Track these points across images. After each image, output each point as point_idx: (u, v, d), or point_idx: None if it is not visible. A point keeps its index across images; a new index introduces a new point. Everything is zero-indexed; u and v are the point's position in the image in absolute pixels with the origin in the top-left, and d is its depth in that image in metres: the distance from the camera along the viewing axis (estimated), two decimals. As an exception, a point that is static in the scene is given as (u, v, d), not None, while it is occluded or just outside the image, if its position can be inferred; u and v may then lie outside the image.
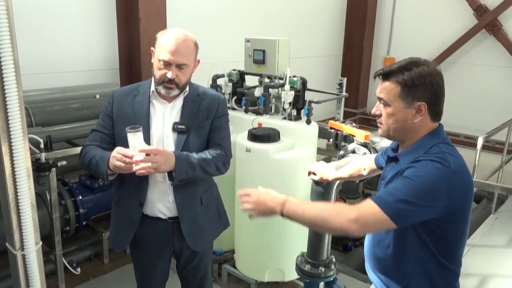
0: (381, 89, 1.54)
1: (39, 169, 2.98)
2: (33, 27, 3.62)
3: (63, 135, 3.30)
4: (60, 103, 3.52)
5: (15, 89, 1.15)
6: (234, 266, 3.54)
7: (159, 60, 1.98)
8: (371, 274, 1.74)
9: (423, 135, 1.54)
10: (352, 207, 1.43)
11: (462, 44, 6.74)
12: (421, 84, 1.47)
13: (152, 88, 2.09)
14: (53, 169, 3.08)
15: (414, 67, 1.48)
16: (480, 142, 3.98)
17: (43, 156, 2.96)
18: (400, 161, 1.56)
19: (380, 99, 1.55)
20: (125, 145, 1.93)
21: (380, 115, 1.56)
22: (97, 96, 3.93)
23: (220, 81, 3.75)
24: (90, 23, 4.21)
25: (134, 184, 2.10)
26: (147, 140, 2.00)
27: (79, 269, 3.52)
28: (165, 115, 2.10)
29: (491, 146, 6.13)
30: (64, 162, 3.19)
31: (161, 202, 2.14)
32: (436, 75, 1.50)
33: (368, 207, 1.41)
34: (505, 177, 5.27)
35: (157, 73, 2.01)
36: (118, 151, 1.88)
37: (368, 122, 7.59)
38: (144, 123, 2.02)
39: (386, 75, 1.52)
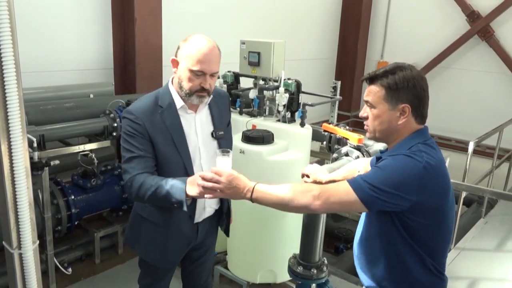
0: (367, 92, 1.61)
1: (31, 168, 2.96)
2: (26, 26, 3.60)
3: (56, 134, 3.29)
4: (54, 102, 3.51)
5: (16, 89, 1.15)
6: (226, 268, 3.54)
7: (191, 71, 1.89)
8: (361, 276, 1.76)
9: (405, 137, 1.59)
10: (314, 187, 1.54)
11: (455, 50, 6.82)
12: (405, 87, 1.53)
13: (179, 102, 2.00)
14: (46, 169, 3.07)
15: (398, 71, 1.55)
16: (471, 147, 4.02)
17: (36, 155, 2.94)
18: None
19: (366, 101, 1.62)
20: (169, 165, 1.96)
21: (367, 118, 1.63)
22: (91, 96, 3.93)
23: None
24: (84, 22, 4.20)
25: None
26: (186, 153, 2.01)
27: (70, 269, 3.50)
28: (196, 126, 2.07)
29: (482, 151, 6.20)
30: (57, 162, 3.17)
31: (205, 208, 2.19)
32: (420, 79, 1.56)
33: (339, 187, 1.52)
34: (495, 182, 5.33)
35: (188, 84, 1.92)
36: (206, 178, 1.69)
37: (361, 126, 7.54)
38: (181, 139, 2.00)
39: (372, 79, 1.60)
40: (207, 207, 2.20)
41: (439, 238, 1.57)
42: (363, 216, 1.76)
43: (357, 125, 7.46)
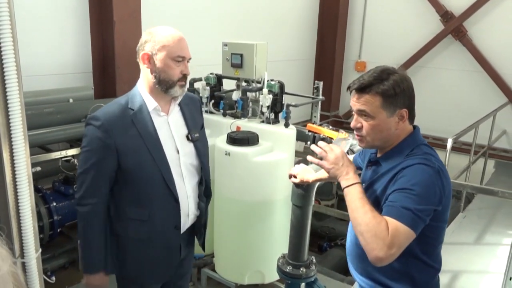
0: (362, 102, 1.54)
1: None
2: (3, 29, 3.51)
3: (37, 140, 3.21)
4: (33, 107, 3.43)
5: (17, 94, 1.13)
6: (213, 270, 3.53)
7: (172, 59, 1.83)
8: (354, 273, 1.78)
9: (402, 138, 1.60)
10: (385, 236, 1.37)
11: (430, 49, 6.99)
12: (401, 91, 1.52)
13: (152, 103, 1.90)
14: (27, 175, 3.00)
15: (389, 76, 1.53)
16: (449, 143, 4.13)
17: (16, 162, 2.87)
18: (382, 165, 1.62)
19: (361, 111, 1.55)
20: (143, 175, 1.85)
21: (361, 128, 1.58)
22: (70, 100, 3.85)
23: (197, 85, 3.74)
24: (62, 25, 4.13)
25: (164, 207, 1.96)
26: (163, 160, 1.89)
27: (54, 278, 3.41)
28: (172, 129, 1.97)
29: (458, 147, 6.37)
30: (38, 168, 3.11)
31: (188, 216, 2.07)
32: (408, 79, 1.57)
33: (396, 229, 1.38)
34: (472, 177, 5.49)
35: (169, 73, 1.84)
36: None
37: (341, 125, 7.73)
38: (156, 144, 1.88)
39: (363, 88, 1.53)
40: (190, 214, 2.07)
41: (441, 235, 1.60)
42: None
43: (337, 125, 7.56)
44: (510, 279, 2.30)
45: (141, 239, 1.97)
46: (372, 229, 1.38)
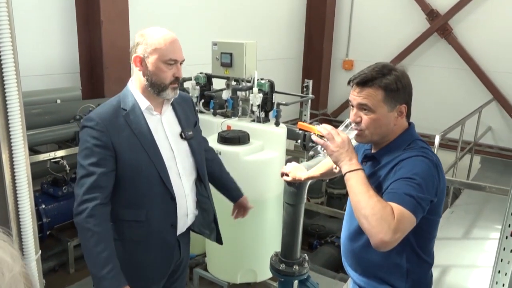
0: (364, 95, 1.54)
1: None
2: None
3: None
4: (20, 108, 3.38)
5: (16, 95, 1.12)
6: (205, 270, 3.53)
7: (164, 62, 1.82)
8: (348, 269, 1.79)
9: (398, 134, 1.62)
10: (391, 220, 1.36)
11: (416, 47, 7.07)
12: (402, 87, 1.54)
13: (144, 103, 1.88)
14: (15, 178, 2.96)
15: (391, 71, 1.54)
16: (437, 140, 4.18)
17: (4, 164, 2.83)
18: (379, 160, 1.63)
19: (362, 105, 1.55)
20: (140, 175, 1.82)
21: (360, 122, 1.58)
22: (58, 101, 3.82)
23: (187, 84, 3.73)
24: (47, 25, 4.08)
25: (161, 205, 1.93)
26: (159, 159, 1.87)
27: (44, 281, 3.38)
28: (165, 128, 1.96)
29: (444, 144, 6.45)
30: (26, 170, 3.06)
31: (187, 215, 2.06)
32: (407, 76, 1.59)
33: (403, 214, 1.38)
34: (458, 173, 5.57)
35: (162, 77, 1.83)
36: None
37: (330, 123, 7.72)
38: (151, 143, 1.87)
39: (365, 82, 1.53)
40: (189, 214, 2.06)
41: (435, 230, 1.63)
42: (349, 211, 1.74)
43: (326, 123, 7.55)
44: (499, 272, 2.35)
45: (138, 241, 1.94)
46: (378, 213, 1.36)
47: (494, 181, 5.51)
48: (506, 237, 2.27)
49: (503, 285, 2.33)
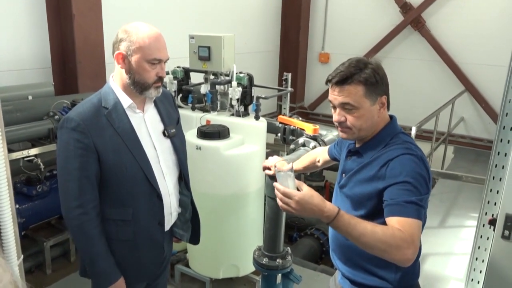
0: (345, 94, 1.53)
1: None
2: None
3: (-4, 140, 3.05)
4: (-11, 105, 3.26)
5: None
6: (187, 266, 3.50)
7: (148, 62, 1.76)
8: (337, 262, 1.79)
9: (381, 127, 1.62)
10: (405, 237, 1.37)
11: (390, 40, 7.16)
12: (380, 79, 1.55)
13: (126, 100, 1.83)
14: (-13, 178, 2.85)
15: (366, 65, 1.55)
16: (413, 131, 4.26)
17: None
18: (363, 155, 1.64)
19: (344, 104, 1.54)
20: (125, 175, 1.78)
21: (344, 121, 1.57)
22: (30, 97, 3.69)
23: (164, 79, 3.66)
24: (16, 18, 3.93)
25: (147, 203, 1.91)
26: (144, 158, 1.84)
27: (26, 286, 3.28)
28: (148, 126, 1.91)
29: (419, 135, 6.57)
30: (-2, 169, 2.95)
31: (171, 214, 2.03)
32: (382, 68, 1.60)
33: (412, 224, 1.40)
34: (433, 163, 5.69)
35: (145, 76, 1.77)
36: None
37: (307, 116, 7.82)
38: (135, 142, 1.82)
39: (344, 80, 1.52)
40: (173, 212, 2.04)
41: (424, 220, 1.64)
42: (335, 204, 1.68)
43: (303, 116, 7.62)
44: (476, 260, 2.40)
45: (125, 240, 1.90)
46: (389, 240, 1.36)
47: (467, 170, 5.66)
48: (483, 225, 2.32)
49: (481, 271, 2.39)
